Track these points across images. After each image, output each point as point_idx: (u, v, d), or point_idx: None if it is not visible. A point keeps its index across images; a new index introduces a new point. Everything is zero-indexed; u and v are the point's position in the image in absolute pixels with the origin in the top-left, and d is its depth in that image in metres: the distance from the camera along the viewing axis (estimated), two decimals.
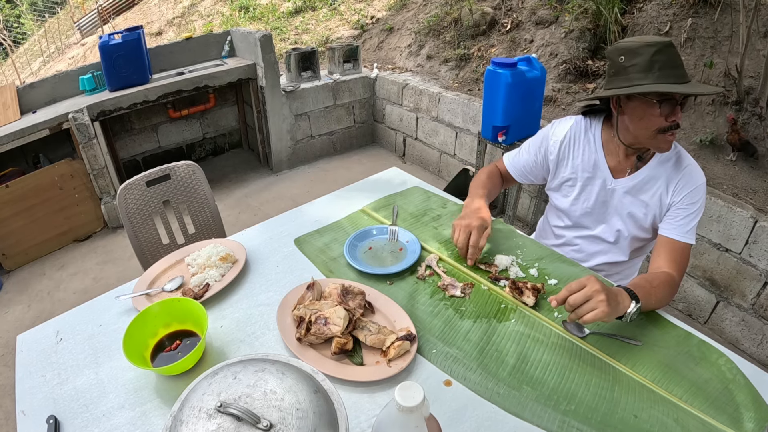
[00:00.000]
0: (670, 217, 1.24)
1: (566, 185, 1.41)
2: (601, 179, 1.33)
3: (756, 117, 2.36)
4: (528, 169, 1.47)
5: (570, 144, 1.37)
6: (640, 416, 0.86)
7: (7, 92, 3.10)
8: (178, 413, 0.62)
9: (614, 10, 3.02)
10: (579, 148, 1.35)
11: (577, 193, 1.38)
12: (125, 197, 1.60)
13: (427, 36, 4.18)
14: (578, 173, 1.36)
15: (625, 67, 1.15)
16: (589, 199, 1.37)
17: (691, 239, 1.21)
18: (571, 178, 1.38)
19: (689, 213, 1.21)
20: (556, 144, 1.38)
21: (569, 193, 1.41)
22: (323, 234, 1.42)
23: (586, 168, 1.34)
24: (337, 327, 0.98)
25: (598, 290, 0.94)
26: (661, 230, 1.24)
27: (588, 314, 0.94)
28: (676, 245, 1.20)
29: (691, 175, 1.22)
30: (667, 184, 1.24)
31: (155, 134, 3.89)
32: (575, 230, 1.45)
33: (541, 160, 1.43)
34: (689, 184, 1.22)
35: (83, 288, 2.75)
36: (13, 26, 11.77)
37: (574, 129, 1.36)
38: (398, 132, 4.01)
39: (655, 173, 1.26)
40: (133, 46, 3.12)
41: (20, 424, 0.90)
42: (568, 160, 1.38)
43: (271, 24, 5.81)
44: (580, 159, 1.35)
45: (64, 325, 1.13)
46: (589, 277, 0.97)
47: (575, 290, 0.96)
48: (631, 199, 1.30)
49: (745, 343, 2.14)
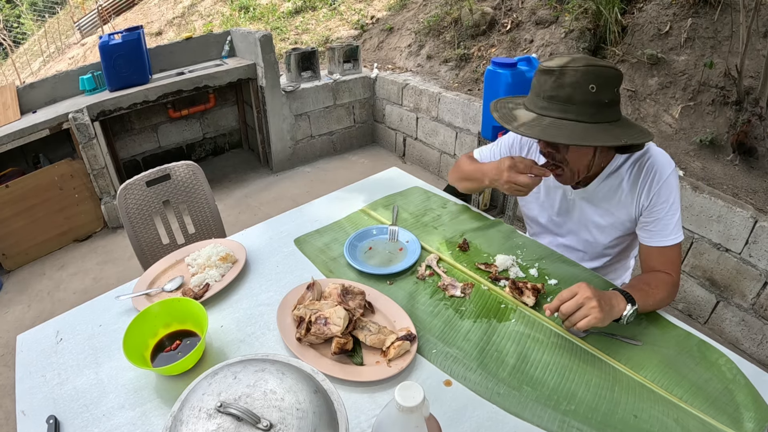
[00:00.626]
0: (645, 224, 1.16)
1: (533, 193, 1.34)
2: (562, 189, 1.30)
3: (756, 117, 2.36)
4: None
5: (531, 153, 1.34)
6: (640, 416, 0.86)
7: (7, 92, 3.10)
8: (178, 413, 0.62)
9: (614, 10, 3.02)
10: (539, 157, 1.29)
11: (542, 200, 1.36)
12: (125, 197, 1.60)
13: (427, 36, 4.18)
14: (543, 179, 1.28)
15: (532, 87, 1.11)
16: (553, 207, 1.34)
17: (678, 237, 1.14)
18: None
19: (665, 213, 1.13)
20: (522, 151, 1.35)
21: (535, 198, 1.38)
22: (323, 234, 1.42)
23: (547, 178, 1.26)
24: (337, 327, 0.98)
25: (589, 297, 0.94)
26: (642, 239, 1.18)
27: (581, 321, 0.94)
28: (663, 251, 1.15)
29: (654, 171, 1.13)
30: (632, 187, 1.17)
31: (155, 134, 3.89)
32: (549, 237, 1.43)
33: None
34: (655, 182, 1.12)
35: (83, 288, 2.75)
36: (13, 26, 11.77)
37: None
38: (398, 132, 4.01)
39: (614, 180, 1.19)
40: (133, 46, 3.12)
41: (20, 424, 0.90)
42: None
43: (271, 24, 5.81)
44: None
45: (64, 325, 1.13)
46: (580, 284, 0.97)
47: (566, 299, 0.96)
48: (594, 209, 1.25)
49: (745, 343, 2.14)
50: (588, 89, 1.00)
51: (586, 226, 1.30)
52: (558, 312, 0.98)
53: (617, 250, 1.33)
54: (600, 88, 1.00)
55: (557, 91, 1.03)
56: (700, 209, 2.12)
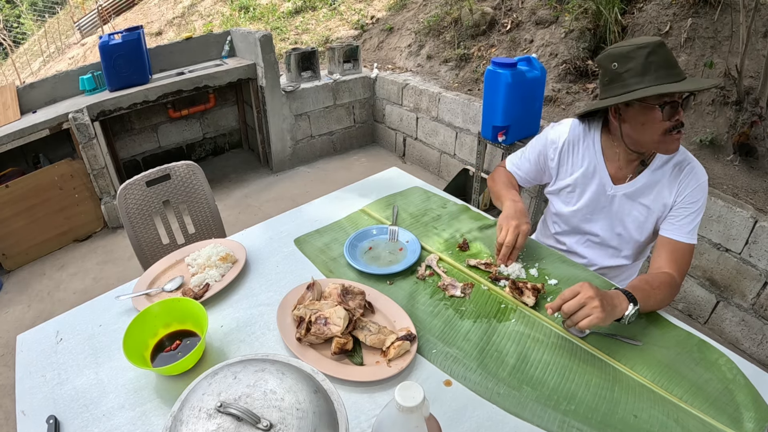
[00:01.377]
0: (671, 217, 1.22)
1: (566, 191, 1.39)
2: (601, 185, 1.31)
3: (756, 117, 2.36)
4: (531, 176, 1.46)
5: (569, 150, 1.35)
6: (640, 416, 0.86)
7: (7, 92, 3.10)
8: (178, 413, 0.62)
9: (614, 10, 3.02)
10: (578, 154, 1.34)
11: (577, 198, 1.37)
12: (125, 197, 1.60)
13: (427, 36, 4.18)
14: (578, 179, 1.35)
15: (619, 73, 1.13)
16: (589, 205, 1.35)
17: (693, 239, 1.19)
18: (570, 185, 1.37)
19: (691, 212, 1.20)
20: (556, 150, 1.37)
21: (569, 198, 1.39)
22: (323, 234, 1.42)
23: (587, 174, 1.33)
24: (337, 327, 0.98)
25: (592, 296, 0.95)
26: (662, 231, 1.23)
27: (583, 321, 0.94)
28: (677, 246, 1.19)
29: (693, 173, 1.20)
30: (670, 185, 1.22)
31: (155, 134, 3.89)
32: (576, 236, 1.44)
33: (542, 166, 1.42)
34: (691, 183, 1.20)
35: (83, 288, 2.75)
36: (13, 26, 11.77)
37: (572, 134, 1.35)
38: (398, 132, 4.01)
39: (657, 176, 1.24)
40: (133, 46, 3.12)
41: (20, 424, 0.90)
42: (567, 166, 1.37)
43: (271, 24, 5.81)
44: (579, 165, 1.34)
45: (64, 325, 1.13)
46: (582, 284, 0.98)
47: (569, 298, 0.97)
48: (633, 204, 1.29)
49: (745, 343, 2.14)
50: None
51: (622, 221, 1.32)
52: (560, 311, 0.98)
53: (640, 248, 1.37)
54: None
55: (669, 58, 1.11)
56: None
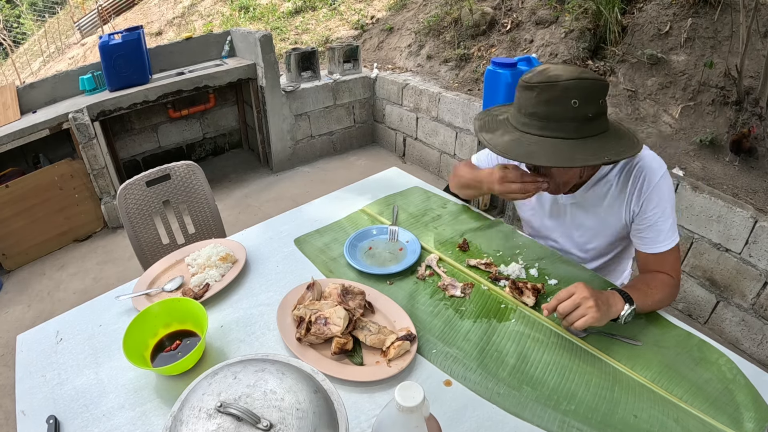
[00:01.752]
0: (638, 231, 1.15)
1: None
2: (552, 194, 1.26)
3: (756, 117, 2.36)
4: None
5: None
6: (640, 416, 0.86)
7: (7, 92, 3.10)
8: (178, 413, 0.62)
9: (614, 10, 3.02)
10: None
11: (533, 204, 1.36)
12: (125, 197, 1.60)
13: (427, 36, 4.18)
14: None
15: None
16: (545, 211, 1.34)
17: (673, 241, 1.11)
18: None
19: (657, 219, 1.10)
20: None
21: (527, 203, 1.38)
22: (323, 234, 1.42)
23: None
24: (337, 327, 0.98)
25: (586, 296, 0.95)
26: (636, 246, 1.17)
27: (579, 321, 0.94)
28: (658, 256, 1.13)
29: (644, 175, 1.09)
30: (620, 195, 1.15)
31: (155, 134, 3.89)
32: (542, 240, 1.42)
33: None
34: (645, 187, 1.10)
35: (83, 288, 2.75)
36: (13, 26, 11.77)
37: None
38: (398, 132, 4.01)
39: (603, 187, 1.17)
40: (133, 46, 3.12)
41: (20, 424, 0.90)
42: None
43: (271, 24, 5.81)
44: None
45: (64, 325, 1.13)
46: (577, 284, 0.98)
47: (564, 299, 0.97)
48: (585, 214, 1.24)
49: (745, 343, 2.14)
50: (570, 105, 0.94)
51: (577, 229, 1.29)
52: (556, 312, 0.98)
53: (613, 253, 1.33)
54: (583, 103, 0.94)
55: (537, 107, 0.98)
56: (700, 209, 2.12)
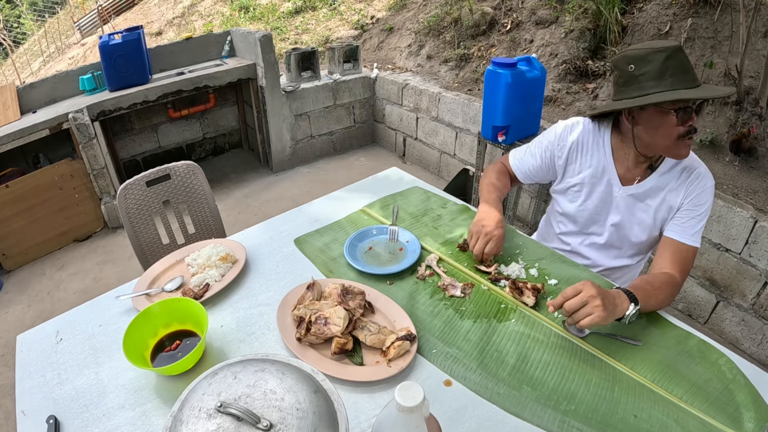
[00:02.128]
0: (676, 219, 1.22)
1: (573, 190, 1.38)
2: (609, 186, 1.31)
3: (756, 117, 2.36)
4: (534, 173, 1.44)
5: (578, 149, 1.34)
6: (640, 416, 0.86)
7: (7, 92, 3.10)
8: (178, 413, 0.62)
9: (614, 10, 3.02)
10: (588, 154, 1.33)
11: (584, 198, 1.36)
12: (125, 197, 1.60)
13: (427, 36, 4.18)
14: (586, 179, 1.34)
15: (635, 75, 1.12)
16: (596, 205, 1.35)
17: (697, 242, 1.19)
18: (578, 184, 1.36)
19: (696, 215, 1.20)
20: (564, 149, 1.35)
21: (576, 198, 1.38)
22: (323, 234, 1.42)
23: (595, 174, 1.32)
24: (337, 327, 0.98)
25: (594, 295, 0.95)
26: (667, 231, 1.23)
27: (584, 319, 0.94)
28: (680, 247, 1.19)
29: (700, 178, 1.21)
30: (677, 189, 1.23)
31: (155, 134, 3.89)
32: (581, 236, 1.43)
33: (548, 164, 1.40)
34: (698, 187, 1.20)
35: (83, 288, 2.75)
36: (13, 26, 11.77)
37: (582, 134, 1.33)
38: (398, 132, 4.01)
39: (665, 180, 1.24)
40: (133, 46, 3.12)
41: (20, 424, 0.90)
42: (576, 165, 1.35)
43: (271, 24, 5.81)
44: (588, 165, 1.33)
45: (64, 325, 1.13)
46: (584, 282, 0.98)
47: (570, 296, 0.97)
48: (640, 206, 1.28)
49: (745, 343, 2.14)
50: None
51: (629, 222, 1.32)
52: (561, 309, 0.98)
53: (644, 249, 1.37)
54: None
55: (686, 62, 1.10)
56: None
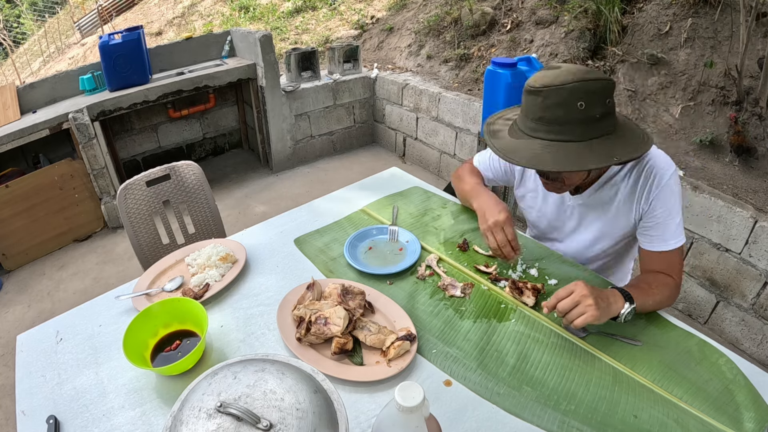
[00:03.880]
0: (645, 229, 1.14)
1: (530, 195, 1.37)
2: (560, 195, 1.27)
3: (756, 117, 2.36)
4: (499, 177, 1.43)
5: None
6: (640, 416, 0.86)
7: (7, 92, 3.10)
8: (178, 413, 0.62)
9: (614, 10, 3.02)
10: None
11: (540, 205, 1.35)
12: (125, 197, 1.60)
13: (427, 36, 4.18)
14: (539, 185, 1.30)
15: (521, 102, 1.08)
16: (551, 212, 1.33)
17: (678, 241, 1.11)
18: (533, 189, 1.34)
19: (665, 218, 1.10)
20: None
21: (533, 204, 1.37)
22: (323, 234, 1.42)
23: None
24: (337, 327, 0.98)
25: (586, 294, 0.95)
26: (641, 243, 1.17)
27: (578, 319, 0.94)
28: (663, 255, 1.13)
29: (654, 177, 1.09)
30: (631, 194, 1.15)
31: (155, 134, 3.89)
32: (547, 242, 1.41)
33: (510, 169, 1.39)
34: (654, 186, 1.09)
35: (83, 288, 2.75)
36: (13, 26, 11.77)
37: None
38: (398, 132, 4.01)
39: (612, 186, 1.17)
40: (133, 46, 3.12)
41: (20, 424, 0.90)
42: (531, 171, 1.32)
43: (271, 24, 5.81)
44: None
45: (64, 325, 1.13)
46: (576, 283, 0.98)
47: (563, 297, 0.97)
48: (593, 214, 1.24)
49: (745, 343, 2.14)
50: (576, 107, 0.94)
51: (585, 231, 1.29)
52: (555, 310, 0.98)
53: (615, 254, 1.33)
54: (589, 104, 0.94)
55: (544, 112, 0.97)
56: (700, 209, 2.12)
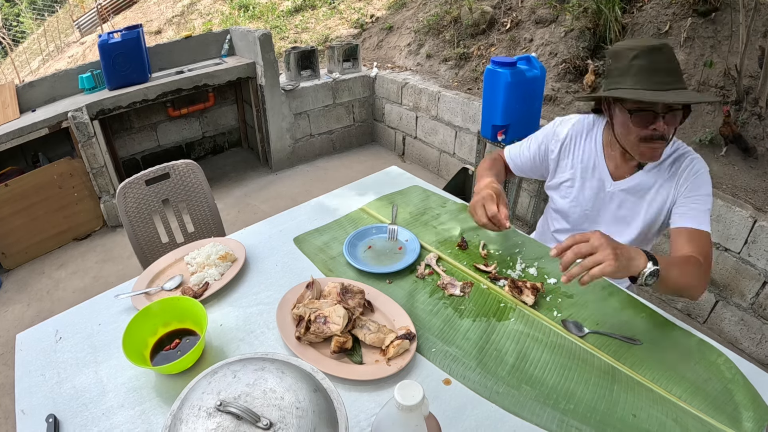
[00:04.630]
0: (678, 209, 1.18)
1: (565, 185, 1.38)
2: (600, 182, 1.30)
3: (756, 117, 2.36)
4: (527, 167, 1.45)
5: (571, 144, 1.35)
6: (639, 415, 0.87)
7: (6, 91, 3.09)
8: (177, 412, 0.62)
9: (614, 9, 3.02)
10: (579, 149, 1.33)
11: (576, 194, 1.36)
12: (124, 196, 1.60)
13: (427, 35, 4.17)
14: (577, 174, 1.34)
15: (610, 69, 1.14)
16: (588, 201, 1.34)
17: (707, 227, 1.13)
18: (570, 179, 1.36)
19: (696, 200, 1.15)
20: (558, 143, 1.36)
21: (568, 194, 1.38)
22: (323, 233, 1.42)
23: (586, 169, 1.32)
24: (337, 326, 0.98)
25: (605, 243, 0.89)
26: (673, 223, 1.18)
27: (595, 269, 0.87)
28: (692, 233, 1.12)
29: (691, 166, 1.18)
30: (669, 182, 1.20)
31: (154, 133, 3.89)
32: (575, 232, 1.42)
33: (541, 158, 1.41)
34: (690, 176, 1.17)
35: (83, 287, 2.75)
36: (12, 25, 11.76)
37: (576, 128, 1.34)
38: (398, 131, 4.01)
39: (653, 176, 1.22)
40: (133, 45, 3.11)
41: (20, 423, 0.90)
42: (568, 160, 1.36)
43: (270, 23, 5.80)
44: (579, 159, 1.33)
45: (63, 324, 1.13)
46: (595, 232, 0.92)
47: (580, 241, 0.91)
48: (633, 202, 1.26)
49: (744, 343, 2.14)
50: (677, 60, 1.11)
51: (623, 220, 1.29)
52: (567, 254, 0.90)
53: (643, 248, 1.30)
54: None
55: (670, 63, 1.09)
56: None
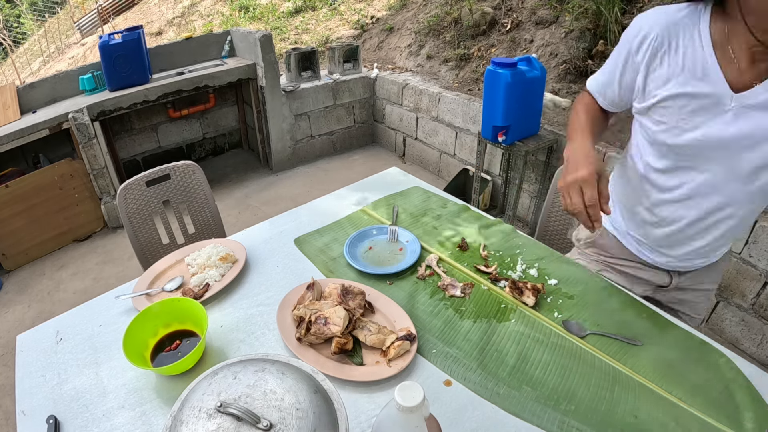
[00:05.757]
0: None
1: (660, 106, 0.97)
2: (714, 96, 0.91)
3: None
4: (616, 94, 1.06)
5: (663, 44, 0.94)
6: (640, 416, 0.86)
7: (7, 92, 3.10)
8: (178, 413, 0.62)
9: (614, 9, 3.02)
10: (678, 51, 0.93)
11: (680, 116, 0.95)
12: (125, 197, 1.60)
13: (427, 36, 4.18)
14: (679, 88, 0.94)
15: None
16: (699, 126, 0.94)
17: None
18: (668, 97, 0.95)
19: None
20: (644, 41, 0.96)
21: (668, 117, 0.97)
22: (323, 234, 1.42)
23: (690, 79, 0.92)
24: (337, 327, 0.98)
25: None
26: None
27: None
28: None
29: None
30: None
31: (155, 134, 3.89)
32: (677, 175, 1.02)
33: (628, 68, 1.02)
34: None
35: (83, 288, 2.75)
36: (13, 26, 11.78)
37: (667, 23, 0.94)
38: (398, 132, 4.01)
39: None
40: (133, 46, 3.12)
41: (20, 424, 0.90)
42: (662, 71, 0.96)
43: (271, 24, 5.81)
44: (681, 67, 0.93)
45: (64, 325, 1.13)
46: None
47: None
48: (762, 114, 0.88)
49: (745, 343, 2.14)
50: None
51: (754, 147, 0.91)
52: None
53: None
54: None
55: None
56: None
